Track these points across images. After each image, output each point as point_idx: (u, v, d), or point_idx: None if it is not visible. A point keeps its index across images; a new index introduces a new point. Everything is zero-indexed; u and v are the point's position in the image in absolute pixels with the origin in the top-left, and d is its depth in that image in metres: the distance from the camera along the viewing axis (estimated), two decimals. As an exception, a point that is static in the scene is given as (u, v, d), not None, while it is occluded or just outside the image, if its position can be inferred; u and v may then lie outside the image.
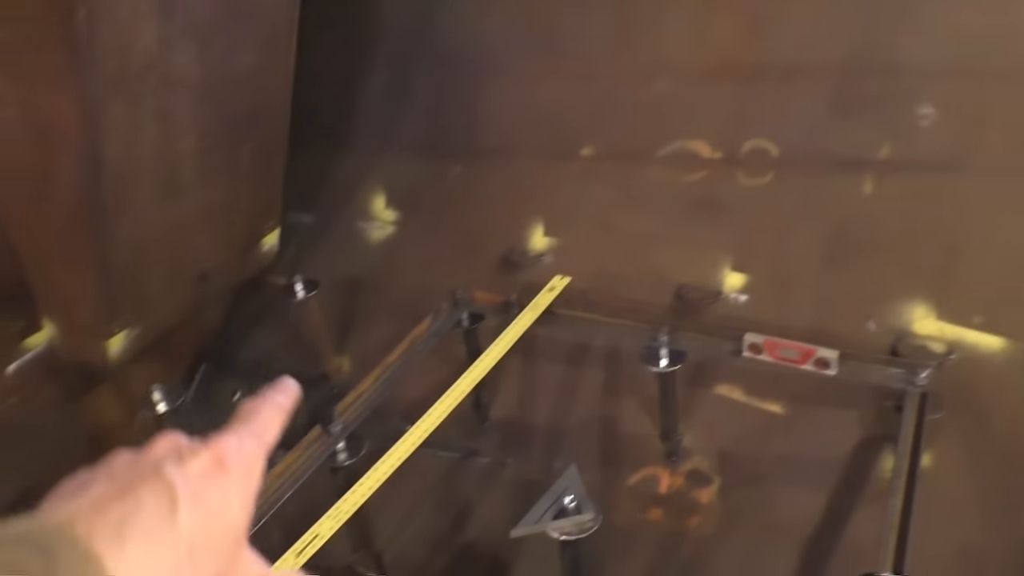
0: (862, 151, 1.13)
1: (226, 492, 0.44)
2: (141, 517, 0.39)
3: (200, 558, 0.40)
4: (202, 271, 1.37)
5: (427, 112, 1.50)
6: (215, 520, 0.42)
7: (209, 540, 0.41)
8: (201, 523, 0.41)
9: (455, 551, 1.15)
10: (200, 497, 0.42)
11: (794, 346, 0.97)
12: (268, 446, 0.50)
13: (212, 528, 0.42)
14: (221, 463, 0.44)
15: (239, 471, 0.45)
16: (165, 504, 0.40)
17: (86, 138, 1.05)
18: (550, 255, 1.33)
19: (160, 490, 0.40)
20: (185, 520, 0.40)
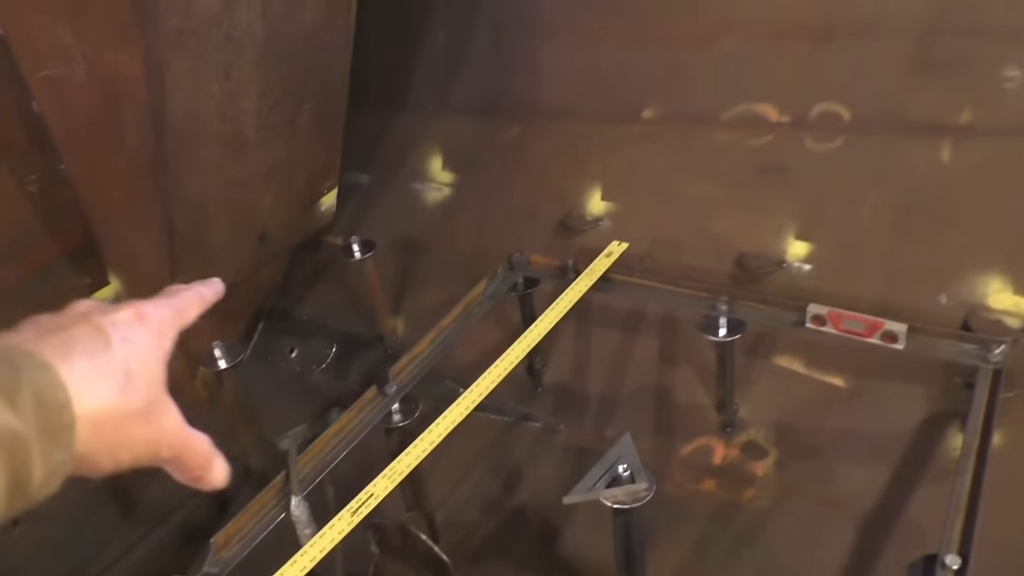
0: (940, 116, 1.08)
1: (148, 338, 0.48)
2: (81, 343, 0.44)
3: (135, 385, 0.46)
4: (262, 230, 1.39)
5: (485, 73, 1.48)
6: (143, 357, 0.47)
7: (140, 371, 0.46)
8: (132, 355, 0.46)
9: (506, 515, 1.15)
10: (127, 338, 0.47)
11: (860, 318, 0.93)
12: (182, 321, 0.53)
13: (142, 362, 0.47)
14: (141, 316, 0.49)
15: (155, 326, 0.49)
16: (100, 339, 0.46)
17: (151, 95, 1.06)
18: (608, 220, 1.31)
19: (92, 329, 0.46)
20: (118, 350, 0.46)
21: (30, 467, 0.39)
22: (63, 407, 0.41)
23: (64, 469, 0.42)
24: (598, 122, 1.37)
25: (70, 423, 0.42)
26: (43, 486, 0.41)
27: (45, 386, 0.41)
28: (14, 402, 0.39)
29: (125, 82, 1.06)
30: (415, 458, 0.84)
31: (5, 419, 0.38)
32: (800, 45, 1.17)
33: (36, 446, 0.39)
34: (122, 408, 0.45)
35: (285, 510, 0.84)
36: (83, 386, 0.43)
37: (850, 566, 0.95)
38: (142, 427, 0.46)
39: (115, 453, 0.45)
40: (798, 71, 1.17)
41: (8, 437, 0.38)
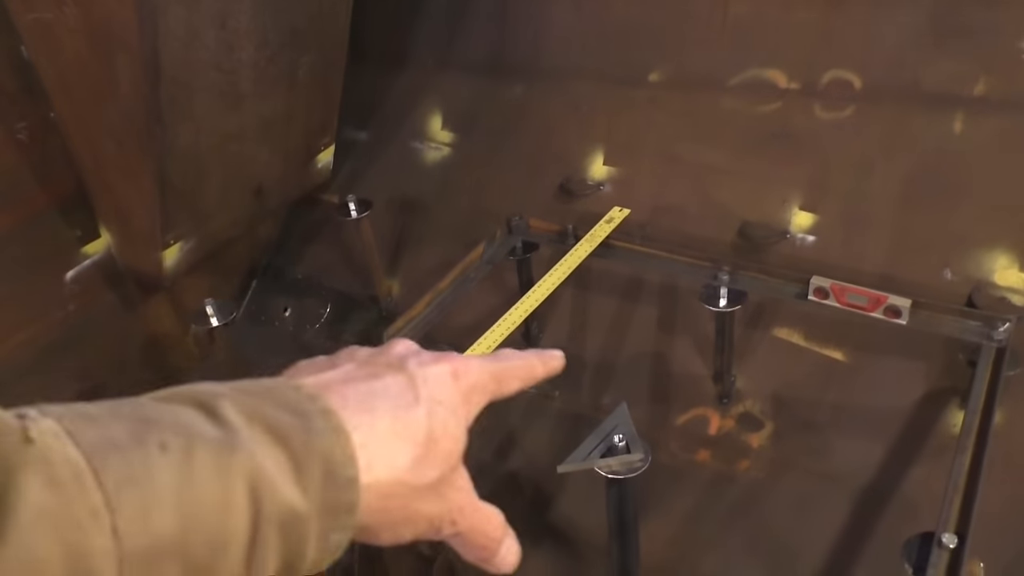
0: (955, 86, 1.05)
1: (455, 402, 0.43)
2: (388, 397, 0.40)
3: (433, 454, 0.40)
4: (258, 185, 1.36)
5: (488, 30, 1.44)
6: (447, 423, 0.42)
7: (442, 439, 0.41)
8: (438, 420, 0.41)
9: (499, 481, 1.15)
10: (436, 397, 0.42)
11: (863, 292, 0.92)
12: (499, 391, 0.48)
13: (445, 428, 0.41)
14: (456, 375, 0.44)
15: (467, 390, 0.44)
16: (409, 393, 0.41)
17: (144, 42, 1.03)
18: (609, 185, 1.29)
19: (404, 380, 0.41)
20: (424, 411, 0.40)
21: (305, 548, 0.35)
22: (351, 484, 0.37)
23: (339, 551, 0.37)
24: (603, 84, 1.33)
25: (354, 503, 0.37)
26: (312, 567, 0.37)
27: (336, 458, 0.36)
28: (301, 475, 0.35)
29: (117, 28, 1.02)
30: (408, 422, 0.83)
31: (292, 496, 0.34)
32: (812, 10, 1.14)
33: (315, 526, 0.35)
34: (414, 483, 0.40)
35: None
36: (379, 452, 0.38)
37: (844, 540, 0.94)
38: (430, 502, 0.41)
39: (396, 527, 0.41)
40: (809, 37, 1.14)
41: (290, 516, 0.34)
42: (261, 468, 0.33)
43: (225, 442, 0.33)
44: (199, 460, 0.32)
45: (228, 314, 1.16)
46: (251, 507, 0.33)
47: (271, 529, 0.33)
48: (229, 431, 0.33)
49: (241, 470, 0.33)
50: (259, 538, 0.33)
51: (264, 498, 0.33)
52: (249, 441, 0.34)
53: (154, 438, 0.31)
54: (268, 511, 0.33)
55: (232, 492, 0.32)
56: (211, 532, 0.32)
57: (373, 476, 0.37)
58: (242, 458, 0.33)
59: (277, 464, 0.34)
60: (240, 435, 0.33)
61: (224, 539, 0.32)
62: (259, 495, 0.33)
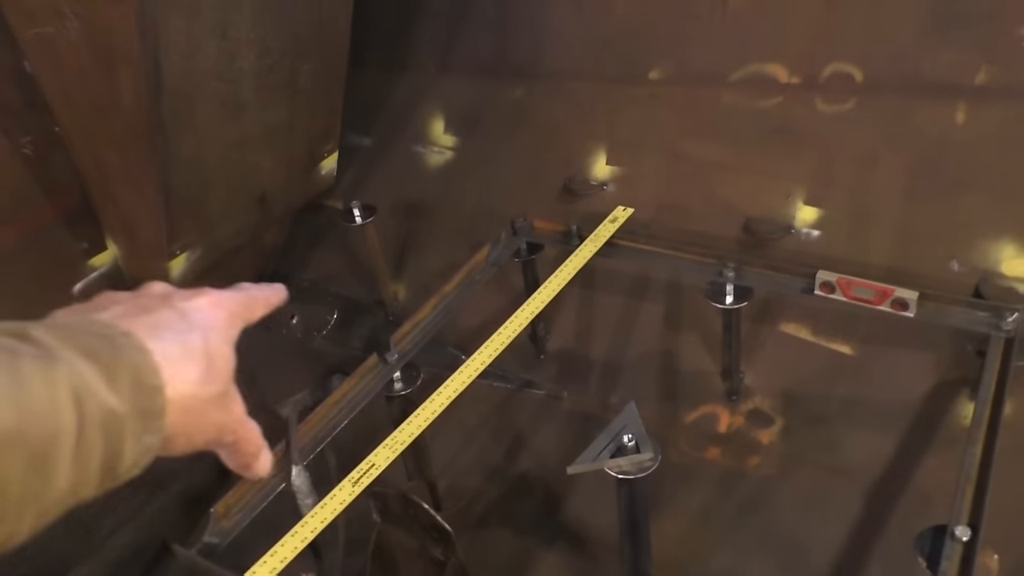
0: (956, 76, 1.04)
1: (222, 326, 0.48)
2: (168, 327, 0.45)
3: (215, 370, 0.46)
4: (262, 193, 1.36)
5: (488, 32, 1.44)
6: (219, 345, 0.47)
7: (217, 358, 0.46)
8: (213, 341, 0.47)
9: (509, 482, 1.15)
10: (208, 324, 0.47)
11: (870, 285, 0.91)
12: (250, 316, 0.53)
13: (220, 349, 0.47)
14: (218, 303, 0.49)
15: (228, 315, 0.50)
16: (183, 322, 0.46)
17: (146, 54, 1.03)
18: (613, 184, 1.28)
19: (176, 313, 0.46)
20: (200, 336, 0.46)
21: (123, 448, 0.40)
22: (157, 391, 0.42)
23: (151, 453, 0.42)
24: (603, 83, 1.33)
25: (161, 407, 0.42)
26: (131, 468, 0.41)
27: (142, 369, 0.41)
28: (114, 382, 0.39)
29: (119, 40, 1.03)
30: (416, 428, 0.83)
31: (106, 398, 0.39)
32: (811, 3, 1.13)
33: (130, 428, 0.40)
34: (205, 393, 0.45)
35: (286, 480, 0.83)
36: (173, 370, 0.43)
37: (857, 534, 0.94)
38: (218, 412, 0.47)
39: (192, 436, 0.46)
40: (809, 30, 1.14)
41: (108, 416, 0.39)
42: (81, 376, 0.38)
43: (45, 355, 0.38)
44: (26, 369, 0.37)
45: (235, 322, 1.16)
46: (75, 408, 0.38)
47: (94, 428, 0.38)
48: (46, 348, 0.38)
49: (63, 378, 0.38)
50: (84, 435, 0.38)
51: (85, 401, 0.38)
52: (66, 356, 0.38)
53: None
54: (90, 412, 0.38)
55: (57, 394, 0.37)
56: (44, 427, 0.37)
57: (174, 391, 0.43)
58: (62, 368, 0.38)
59: (93, 374, 0.39)
60: (57, 351, 0.38)
61: (55, 433, 0.37)
62: (80, 398, 0.38)
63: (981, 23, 1.03)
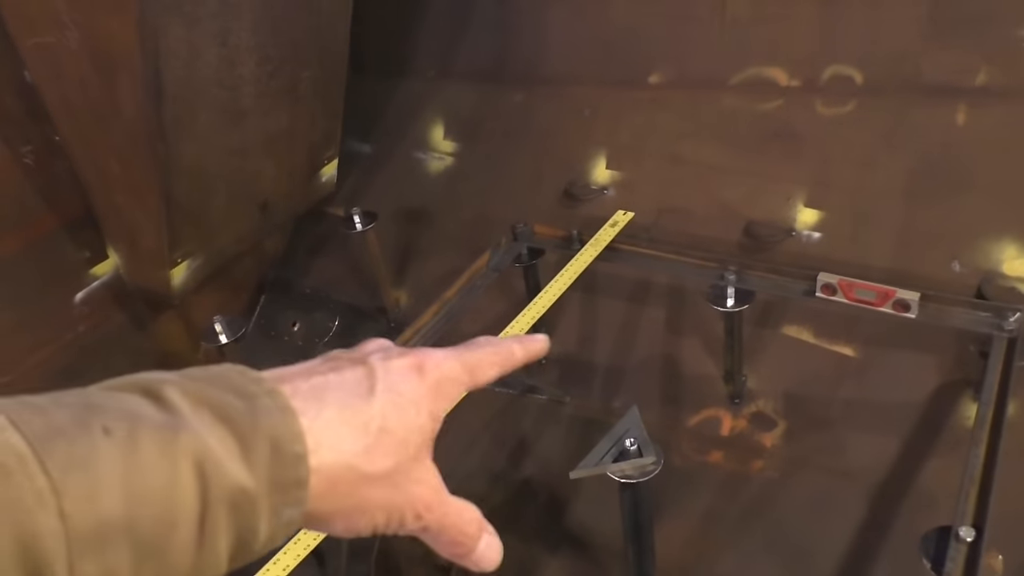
0: (956, 77, 1.05)
1: (417, 394, 0.43)
2: (341, 388, 0.41)
3: (386, 443, 0.41)
4: (263, 200, 1.37)
5: (488, 38, 1.44)
6: (404, 413, 0.42)
7: (397, 429, 0.41)
8: (393, 410, 0.41)
9: (512, 487, 1.15)
10: (395, 389, 0.42)
11: (871, 287, 0.91)
12: (475, 381, 0.47)
13: (401, 419, 0.42)
14: (420, 369, 0.44)
15: (434, 383, 0.44)
16: (364, 384, 0.41)
17: (146, 62, 1.04)
18: (613, 188, 1.29)
19: (363, 372, 0.42)
20: (379, 402, 0.41)
21: (256, 525, 0.36)
22: (299, 460, 0.37)
23: (292, 527, 0.38)
24: (604, 88, 1.34)
25: (304, 479, 0.37)
26: (267, 544, 0.37)
27: (283, 435, 0.37)
28: (248, 453, 0.35)
29: (119, 49, 1.03)
30: (419, 431, 0.83)
31: (239, 474, 0.35)
32: (810, 6, 1.14)
33: (265, 503, 0.36)
34: (363, 469, 0.40)
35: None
36: (325, 436, 0.39)
37: (861, 536, 0.94)
38: (383, 492, 0.41)
39: (350, 517, 0.41)
40: (809, 34, 1.14)
41: (237, 494, 0.35)
42: (207, 447, 0.34)
43: (169, 424, 0.34)
44: (143, 442, 0.33)
45: (237, 330, 1.17)
46: (198, 486, 0.34)
47: (220, 507, 0.34)
48: (173, 414, 0.34)
49: (186, 450, 0.33)
50: (209, 516, 0.34)
51: (211, 476, 0.34)
52: (194, 422, 0.34)
53: (97, 423, 0.32)
54: (216, 489, 0.34)
55: (178, 472, 0.33)
56: (159, 512, 0.33)
57: (319, 459, 0.38)
58: (187, 439, 0.34)
59: (223, 443, 0.35)
60: (185, 417, 0.34)
61: (172, 518, 0.33)
62: (206, 474, 0.34)
63: (980, 25, 1.03)
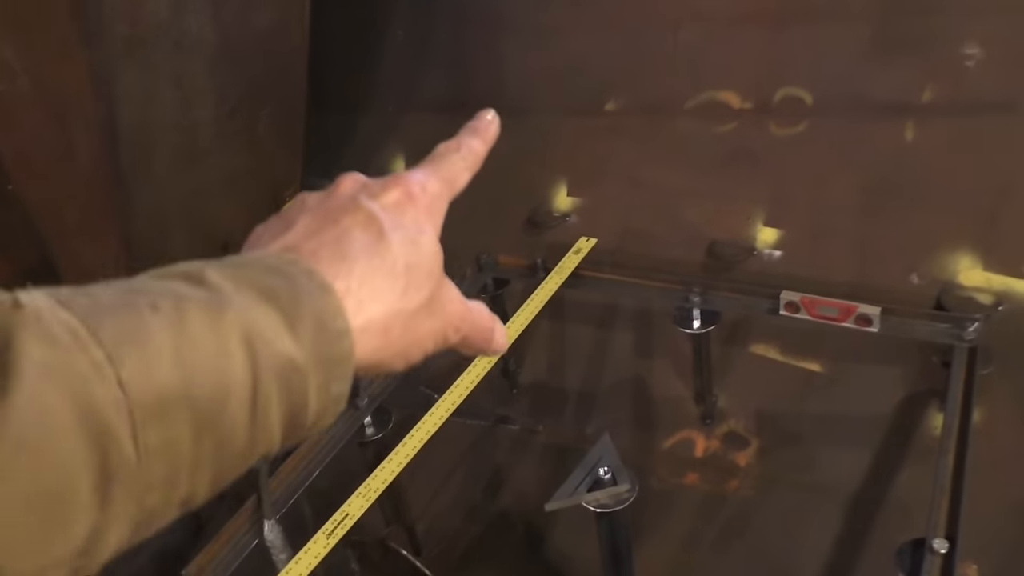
0: (903, 95, 1.07)
1: (418, 221, 0.43)
2: (355, 240, 0.40)
3: (415, 277, 0.41)
4: (224, 240, 1.35)
5: (447, 69, 1.45)
6: (417, 243, 0.42)
7: (419, 264, 0.42)
8: (408, 245, 0.41)
9: (488, 520, 1.14)
10: (400, 224, 0.42)
11: (833, 303, 0.93)
12: (453, 191, 0.48)
13: (419, 253, 0.42)
14: (410, 195, 0.44)
15: (425, 204, 0.45)
16: (373, 230, 0.41)
17: (100, 107, 1.03)
18: (575, 215, 1.29)
19: (363, 219, 0.41)
20: (394, 241, 0.41)
21: (307, 399, 0.36)
22: (343, 335, 0.37)
23: (340, 402, 0.38)
24: (562, 116, 1.35)
25: (349, 353, 0.38)
26: (318, 420, 0.37)
27: (326, 312, 0.37)
28: (295, 329, 0.35)
29: (72, 96, 1.02)
30: (390, 473, 0.82)
31: (287, 347, 0.35)
32: (759, 30, 1.16)
33: (314, 377, 0.36)
34: (407, 308, 0.41)
35: (258, 535, 0.81)
36: (365, 294, 0.39)
37: (839, 551, 0.94)
38: (428, 322, 0.42)
39: (407, 353, 0.42)
40: (759, 57, 1.17)
41: (286, 365, 0.35)
42: (254, 322, 0.35)
43: (215, 301, 0.34)
44: (192, 317, 0.33)
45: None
46: (248, 358, 0.34)
47: (271, 379, 0.35)
48: (218, 292, 0.35)
49: (234, 324, 0.34)
50: (260, 388, 0.34)
51: (260, 350, 0.34)
52: (239, 300, 0.35)
53: (144, 301, 0.33)
54: (265, 362, 0.34)
55: (227, 344, 0.33)
56: (212, 383, 0.33)
57: (366, 316, 0.39)
58: (233, 314, 0.34)
59: (269, 319, 0.35)
60: (229, 295, 0.35)
61: (226, 389, 0.33)
62: (254, 347, 0.34)
63: (924, 43, 1.06)
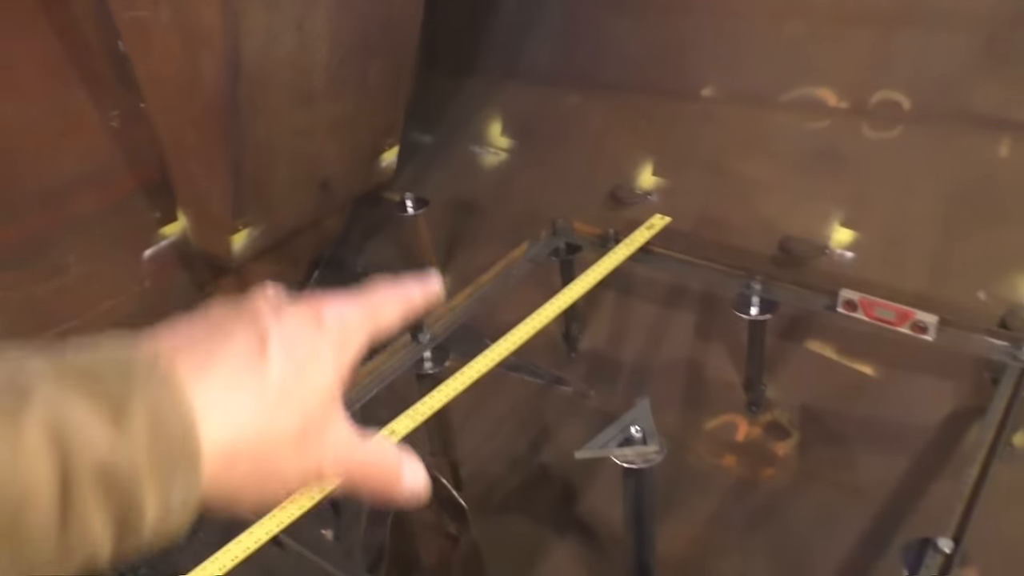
0: (1004, 110, 1.05)
1: (317, 349, 0.40)
2: (230, 354, 0.37)
3: (286, 408, 0.37)
4: (324, 179, 1.44)
5: (552, 41, 1.50)
6: (304, 372, 0.39)
7: (298, 391, 0.38)
8: (291, 372, 0.38)
9: (530, 472, 1.19)
10: (291, 346, 0.39)
11: (891, 307, 0.93)
12: (377, 326, 0.44)
13: (302, 379, 0.38)
14: (318, 320, 0.41)
15: (335, 334, 0.41)
16: (256, 346, 0.38)
17: (227, 41, 1.12)
18: (657, 194, 1.32)
19: (253, 333, 0.38)
20: (274, 364, 0.37)
21: (140, 503, 0.32)
22: (186, 431, 0.33)
23: (188, 507, 0.34)
24: (659, 96, 1.37)
25: (194, 452, 0.33)
26: (161, 527, 0.33)
27: (163, 406, 0.33)
28: (120, 423, 0.31)
29: (204, 28, 1.11)
30: (438, 402, 0.88)
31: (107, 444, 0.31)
32: (865, 31, 1.15)
33: (148, 479, 0.32)
34: (265, 436, 0.37)
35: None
36: (216, 409, 0.35)
37: (861, 551, 0.95)
38: (292, 456, 0.38)
39: (262, 487, 0.38)
40: (861, 57, 1.16)
41: (108, 467, 0.31)
42: (66, 418, 0.30)
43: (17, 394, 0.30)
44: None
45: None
46: (55, 458, 0.30)
47: (87, 483, 0.30)
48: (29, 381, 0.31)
49: (37, 420, 0.30)
50: (73, 492, 0.30)
51: (73, 449, 0.30)
52: (52, 391, 0.31)
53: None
54: (79, 462, 0.30)
55: (26, 442, 0.29)
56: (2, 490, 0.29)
57: (214, 434, 0.35)
58: (39, 408, 0.30)
59: (88, 414, 0.31)
60: (40, 386, 0.31)
61: (22, 495, 0.29)
62: (66, 446, 0.30)
63: (1031, 60, 1.03)
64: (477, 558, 0.99)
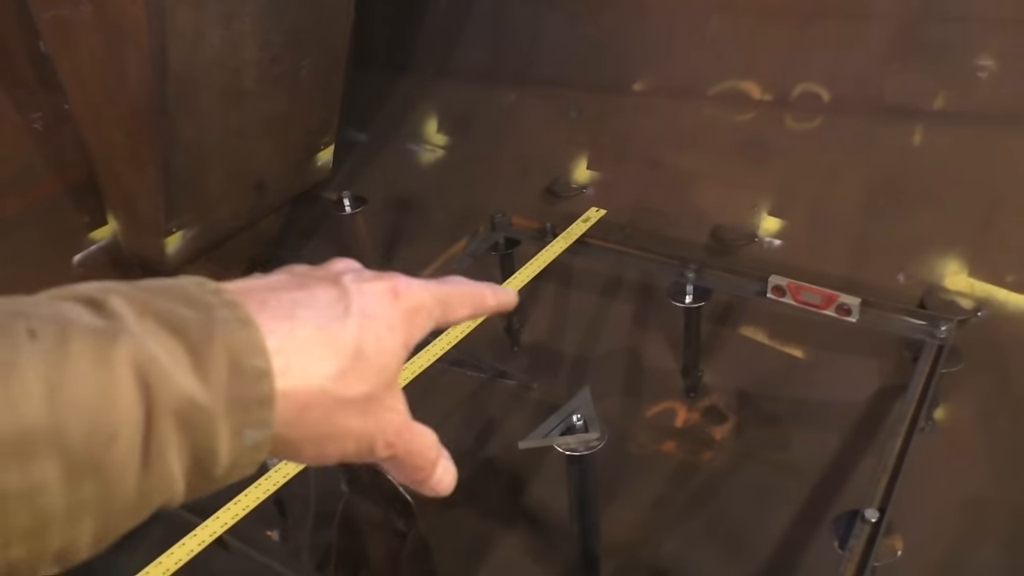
0: (916, 100, 1.10)
1: (392, 321, 0.40)
2: (315, 307, 0.37)
3: (362, 368, 0.38)
4: (259, 179, 1.43)
5: (485, 39, 1.51)
6: (380, 338, 0.39)
7: (373, 357, 0.38)
8: (368, 334, 0.38)
9: (476, 465, 1.20)
10: (370, 312, 0.39)
11: (817, 291, 0.97)
12: (446, 317, 0.44)
13: (377, 343, 0.38)
14: (395, 293, 0.41)
15: (408, 312, 0.41)
16: (339, 305, 0.38)
17: (153, 40, 1.10)
18: (592, 188, 1.34)
19: (336, 293, 0.38)
20: (354, 324, 0.38)
21: (215, 445, 0.32)
22: (261, 376, 0.34)
23: (259, 452, 0.34)
24: (591, 92, 1.40)
25: (268, 397, 0.34)
26: (233, 469, 0.34)
27: (243, 347, 0.33)
28: (202, 364, 0.32)
29: (129, 26, 1.09)
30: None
31: (188, 386, 0.31)
32: (786, 26, 1.20)
33: (224, 422, 0.32)
34: (338, 394, 0.37)
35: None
36: (297, 357, 0.35)
37: (797, 525, 0.99)
38: (357, 419, 0.38)
39: (321, 444, 0.38)
40: (783, 51, 1.20)
41: (186, 406, 0.31)
42: (151, 357, 0.31)
43: (106, 330, 0.31)
44: (74, 348, 0.30)
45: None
46: (140, 396, 0.30)
47: (168, 421, 0.31)
48: (114, 320, 0.31)
49: (126, 358, 0.30)
50: (155, 431, 0.31)
51: (156, 388, 0.31)
52: (137, 330, 0.31)
53: (23, 326, 0.30)
54: (162, 402, 0.31)
55: (115, 379, 0.30)
56: (92, 424, 0.29)
57: (289, 383, 0.35)
58: (127, 347, 0.31)
59: (170, 353, 0.32)
60: (126, 325, 0.31)
61: (109, 431, 0.30)
62: (150, 385, 0.31)
63: (940, 52, 1.09)
64: (426, 553, 1.00)
